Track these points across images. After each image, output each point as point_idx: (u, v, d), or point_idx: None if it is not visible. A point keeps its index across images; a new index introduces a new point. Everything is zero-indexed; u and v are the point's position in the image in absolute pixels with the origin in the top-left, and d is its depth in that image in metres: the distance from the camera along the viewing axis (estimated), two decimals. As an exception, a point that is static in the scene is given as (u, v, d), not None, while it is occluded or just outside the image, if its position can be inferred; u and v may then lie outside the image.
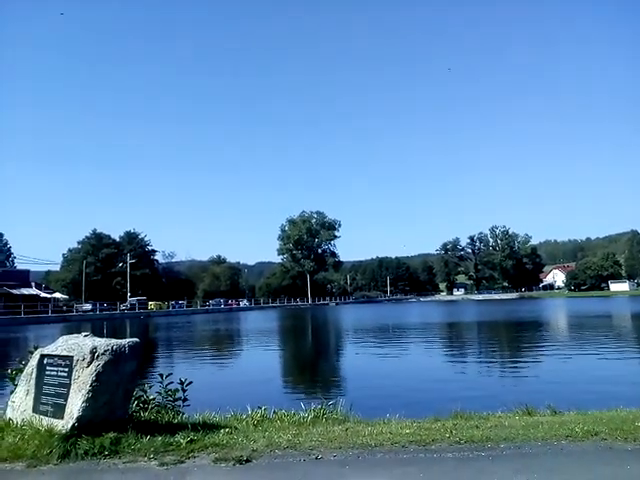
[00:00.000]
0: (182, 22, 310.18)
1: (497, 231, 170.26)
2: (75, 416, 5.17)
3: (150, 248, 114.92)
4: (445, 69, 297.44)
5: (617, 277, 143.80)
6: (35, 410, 5.60)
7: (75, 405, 5.22)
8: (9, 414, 5.91)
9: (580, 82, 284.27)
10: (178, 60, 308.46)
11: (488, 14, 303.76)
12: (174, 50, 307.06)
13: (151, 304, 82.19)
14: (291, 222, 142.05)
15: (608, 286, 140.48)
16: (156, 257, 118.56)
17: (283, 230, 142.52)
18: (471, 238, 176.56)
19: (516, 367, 17.55)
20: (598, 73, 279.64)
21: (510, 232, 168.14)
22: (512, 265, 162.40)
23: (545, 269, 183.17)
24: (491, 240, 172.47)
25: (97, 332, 6.36)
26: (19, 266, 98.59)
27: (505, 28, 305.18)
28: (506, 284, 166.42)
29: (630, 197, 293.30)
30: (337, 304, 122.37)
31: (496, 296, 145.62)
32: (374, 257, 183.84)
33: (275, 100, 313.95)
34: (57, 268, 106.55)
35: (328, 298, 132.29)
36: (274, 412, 7.02)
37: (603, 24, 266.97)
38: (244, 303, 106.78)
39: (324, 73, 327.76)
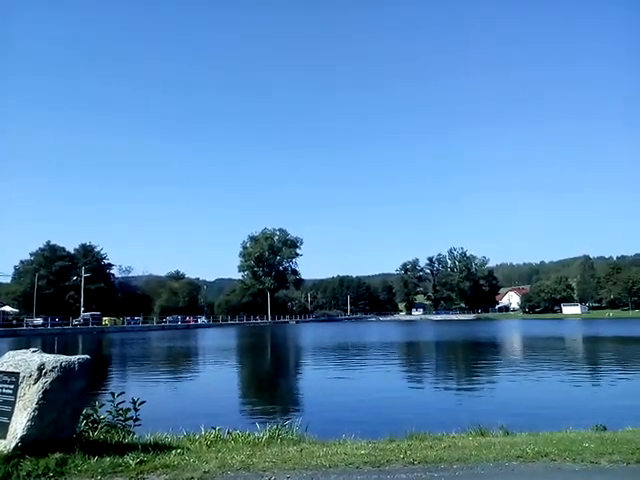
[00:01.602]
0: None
1: (455, 253, 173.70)
2: (19, 435, 4.95)
3: (106, 262, 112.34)
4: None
5: (569, 300, 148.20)
6: (-24, 429, 5.35)
7: (20, 424, 5.01)
8: (-53, 433, 5.63)
9: (538, 106, 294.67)
10: (133, 69, 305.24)
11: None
12: (127, 57, 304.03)
13: (105, 319, 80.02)
14: (253, 239, 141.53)
15: (561, 309, 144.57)
16: (112, 271, 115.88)
17: (244, 247, 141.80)
18: (430, 259, 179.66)
19: (471, 387, 17.80)
20: (557, 96, 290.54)
21: (468, 254, 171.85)
22: (469, 286, 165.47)
23: (501, 291, 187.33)
24: (449, 261, 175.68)
25: (48, 348, 6.15)
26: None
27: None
28: (463, 305, 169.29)
29: (583, 223, 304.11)
30: (297, 322, 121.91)
31: (453, 317, 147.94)
32: (335, 276, 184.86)
33: (237, 116, 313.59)
34: (8, 280, 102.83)
35: (288, 316, 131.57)
36: (228, 432, 6.90)
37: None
38: (202, 320, 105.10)
39: (291, 89, 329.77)
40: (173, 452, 5.61)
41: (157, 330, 78.92)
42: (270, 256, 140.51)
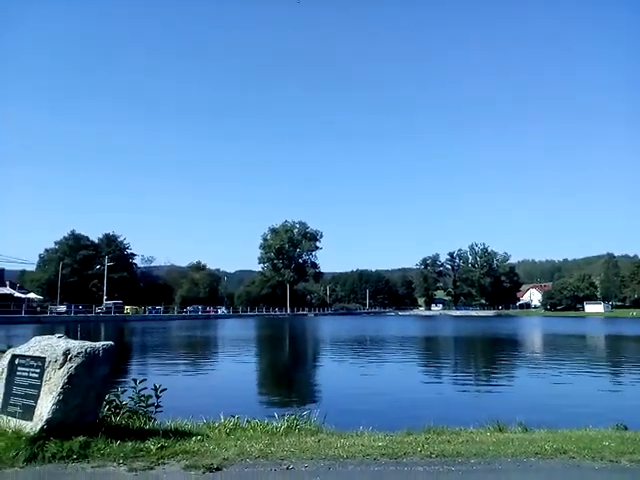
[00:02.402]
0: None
1: (476, 249, 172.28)
2: (45, 418, 5.08)
3: (129, 251, 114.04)
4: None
5: (592, 298, 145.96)
6: (3, 411, 5.50)
7: (45, 407, 5.14)
8: (-24, 415, 5.80)
9: (570, 105, 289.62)
10: (160, 65, 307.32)
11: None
12: (152, 56, 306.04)
13: (127, 308, 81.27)
14: (273, 231, 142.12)
15: (583, 307, 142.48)
16: (135, 261, 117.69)
17: (265, 239, 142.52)
18: (450, 255, 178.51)
19: (490, 383, 17.69)
20: (578, 91, 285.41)
21: (489, 250, 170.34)
22: (490, 283, 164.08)
23: (522, 288, 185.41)
24: (470, 257, 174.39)
25: (71, 334, 6.28)
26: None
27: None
28: (483, 301, 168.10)
29: (608, 220, 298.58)
30: (316, 315, 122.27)
31: (473, 313, 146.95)
32: (354, 270, 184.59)
33: (261, 109, 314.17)
34: (33, 268, 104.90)
35: (307, 309, 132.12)
36: (247, 421, 6.98)
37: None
38: (222, 311, 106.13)
39: (309, 81, 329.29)
40: (193, 439, 5.70)
41: (178, 320, 79.85)
42: (290, 249, 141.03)
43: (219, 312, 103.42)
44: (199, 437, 5.81)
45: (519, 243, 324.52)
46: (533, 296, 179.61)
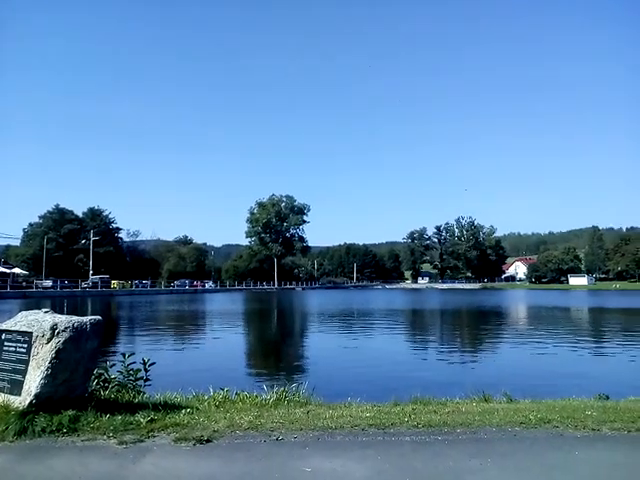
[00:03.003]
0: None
1: (463, 222, 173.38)
2: (33, 393, 5.07)
3: (114, 226, 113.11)
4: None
5: (577, 271, 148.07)
6: (-9, 386, 5.48)
7: (33, 382, 5.13)
8: (-37, 390, 5.78)
9: (552, 79, 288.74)
10: (154, 36, 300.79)
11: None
12: (144, 29, 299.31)
13: (114, 283, 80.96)
14: (260, 205, 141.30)
15: (567, 280, 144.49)
16: (120, 235, 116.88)
17: (252, 213, 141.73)
18: (437, 228, 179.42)
19: (475, 355, 17.99)
20: (572, 70, 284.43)
21: (476, 223, 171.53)
22: (476, 256, 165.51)
23: (508, 261, 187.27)
24: (457, 231, 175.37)
25: (57, 309, 6.26)
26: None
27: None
28: (469, 274, 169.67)
29: (593, 193, 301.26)
30: (304, 289, 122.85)
31: (459, 286, 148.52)
32: (342, 243, 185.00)
33: (250, 83, 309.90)
34: (17, 243, 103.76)
35: (295, 283, 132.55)
36: (236, 394, 7.02)
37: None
38: (209, 285, 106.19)
39: (302, 56, 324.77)
40: (183, 411, 5.74)
41: (165, 294, 79.84)
42: (277, 222, 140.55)
43: (206, 286, 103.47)
44: (189, 410, 5.85)
45: (505, 216, 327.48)
46: (518, 269, 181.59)
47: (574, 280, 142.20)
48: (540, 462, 4.37)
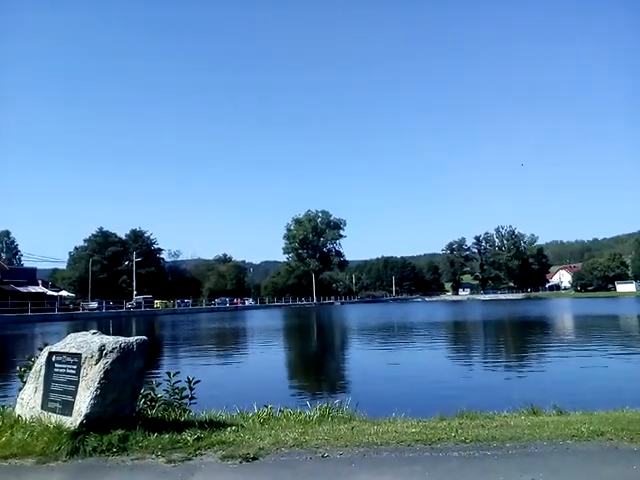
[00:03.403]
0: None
1: (503, 231, 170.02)
2: (83, 413, 5.21)
3: (156, 246, 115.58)
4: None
5: (624, 278, 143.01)
6: (44, 407, 5.65)
7: (83, 402, 5.27)
8: (18, 411, 5.97)
9: (584, 81, 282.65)
10: (187, 55, 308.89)
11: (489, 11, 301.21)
12: (175, 46, 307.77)
13: (157, 302, 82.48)
14: (297, 221, 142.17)
15: (615, 287, 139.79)
16: (162, 255, 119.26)
17: (289, 229, 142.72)
18: (477, 238, 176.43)
19: (522, 367, 17.51)
20: (603, 72, 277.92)
21: (516, 232, 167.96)
22: (518, 265, 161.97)
23: (551, 269, 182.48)
24: (497, 240, 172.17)
25: (103, 330, 6.40)
26: (26, 264, 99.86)
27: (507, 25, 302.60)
28: (512, 284, 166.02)
29: (638, 197, 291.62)
30: (342, 303, 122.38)
31: (502, 296, 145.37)
32: (379, 257, 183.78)
33: (286, 99, 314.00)
34: (64, 266, 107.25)
35: (333, 297, 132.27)
36: (280, 411, 7.05)
37: (607, 23, 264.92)
38: (249, 302, 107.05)
39: (335, 70, 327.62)
40: (228, 429, 5.79)
41: (206, 312, 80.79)
42: (314, 238, 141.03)
43: (246, 303, 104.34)
44: (234, 427, 5.90)
45: (547, 224, 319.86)
46: (563, 277, 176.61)
47: (622, 287, 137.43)
48: (595, 477, 4.23)
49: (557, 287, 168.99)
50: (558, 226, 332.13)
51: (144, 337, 5.83)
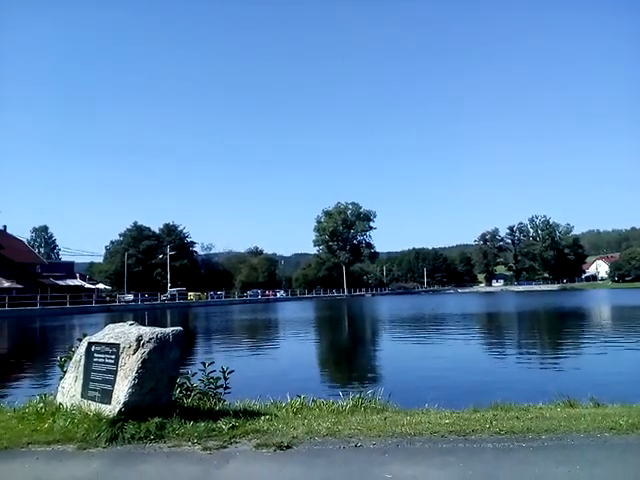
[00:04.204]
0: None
1: (537, 221, 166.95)
2: (122, 401, 5.34)
3: (189, 240, 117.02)
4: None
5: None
6: (83, 395, 5.82)
7: (122, 391, 5.40)
8: (59, 399, 6.17)
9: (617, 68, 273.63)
10: (215, 49, 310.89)
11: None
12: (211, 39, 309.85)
13: (190, 294, 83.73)
14: (326, 213, 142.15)
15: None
16: (195, 249, 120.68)
17: (319, 222, 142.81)
18: (510, 228, 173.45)
19: (557, 358, 17.23)
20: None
21: (551, 222, 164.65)
22: (553, 256, 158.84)
23: (588, 260, 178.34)
24: (531, 230, 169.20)
25: (139, 321, 6.54)
26: (64, 258, 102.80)
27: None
28: (547, 275, 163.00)
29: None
30: (373, 295, 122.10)
31: (537, 287, 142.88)
32: (410, 248, 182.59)
33: (313, 90, 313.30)
34: (100, 260, 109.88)
35: (364, 289, 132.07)
36: (313, 400, 7.09)
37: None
38: (281, 294, 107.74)
39: (367, 60, 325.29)
40: (262, 418, 5.86)
41: (239, 304, 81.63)
42: (344, 230, 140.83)
43: (278, 295, 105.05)
44: (268, 417, 5.96)
45: (583, 213, 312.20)
46: (599, 268, 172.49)
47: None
48: (634, 470, 4.15)
49: (594, 278, 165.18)
50: (594, 215, 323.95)
51: (180, 328, 5.93)
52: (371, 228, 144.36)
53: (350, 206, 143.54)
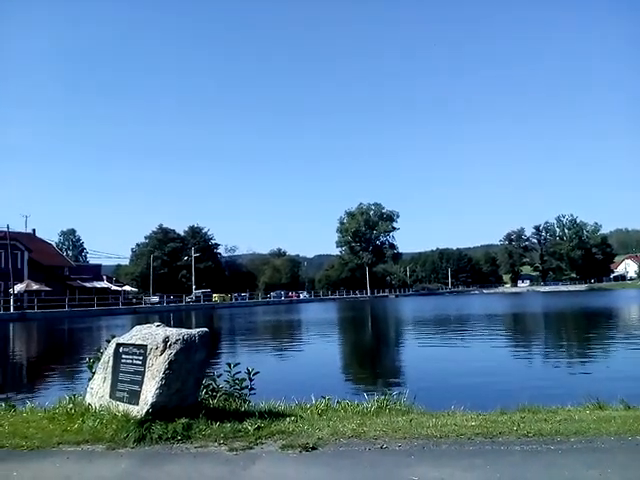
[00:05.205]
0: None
1: (564, 220, 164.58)
2: (149, 402, 5.41)
3: (213, 242, 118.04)
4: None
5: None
6: (112, 396, 5.91)
7: (149, 392, 5.48)
8: (88, 400, 6.27)
9: None
10: (232, 50, 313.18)
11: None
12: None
13: (215, 296, 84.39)
14: (349, 214, 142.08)
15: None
16: (219, 251, 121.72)
17: (341, 222, 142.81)
18: (536, 228, 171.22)
19: (586, 360, 16.92)
20: None
21: (578, 221, 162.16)
22: (580, 255, 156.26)
23: (616, 259, 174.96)
24: (558, 230, 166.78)
25: (165, 323, 6.62)
26: (91, 261, 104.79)
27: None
28: (574, 275, 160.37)
29: None
30: (397, 296, 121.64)
31: (564, 288, 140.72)
32: (434, 249, 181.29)
33: (333, 90, 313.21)
34: (126, 262, 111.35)
35: (387, 290, 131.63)
36: (338, 402, 7.10)
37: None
38: (304, 295, 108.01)
39: (393, 60, 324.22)
40: (287, 419, 5.88)
41: (262, 305, 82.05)
42: (367, 231, 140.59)
43: (301, 297, 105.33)
44: (293, 418, 5.98)
45: (611, 212, 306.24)
46: (629, 267, 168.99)
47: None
48: (668, 474, 4.05)
49: (622, 277, 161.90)
50: (623, 213, 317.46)
51: (205, 329, 5.99)
52: (394, 229, 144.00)
53: (373, 207, 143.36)
